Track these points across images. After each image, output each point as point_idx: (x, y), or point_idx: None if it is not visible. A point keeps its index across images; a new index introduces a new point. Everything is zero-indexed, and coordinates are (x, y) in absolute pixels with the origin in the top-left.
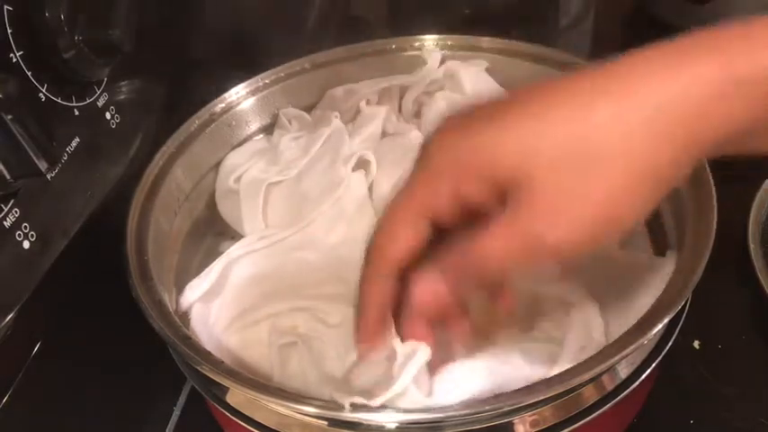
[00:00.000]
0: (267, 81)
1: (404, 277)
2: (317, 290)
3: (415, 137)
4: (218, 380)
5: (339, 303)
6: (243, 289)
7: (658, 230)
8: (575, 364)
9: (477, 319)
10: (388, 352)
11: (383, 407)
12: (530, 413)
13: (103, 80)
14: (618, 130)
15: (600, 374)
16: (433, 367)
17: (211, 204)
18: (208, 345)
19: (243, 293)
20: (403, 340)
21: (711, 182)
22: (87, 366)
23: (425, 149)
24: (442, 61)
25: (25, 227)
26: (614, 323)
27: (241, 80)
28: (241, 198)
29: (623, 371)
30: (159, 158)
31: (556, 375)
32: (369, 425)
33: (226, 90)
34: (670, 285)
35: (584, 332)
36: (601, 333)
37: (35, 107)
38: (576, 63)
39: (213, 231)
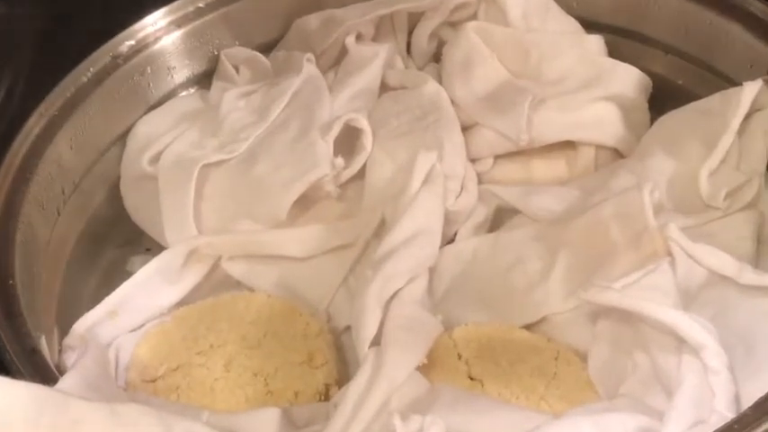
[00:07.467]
0: (201, 5)
1: None
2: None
3: (432, 92)
4: None
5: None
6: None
7: None
8: None
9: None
10: None
11: None
12: None
13: None
14: None
15: None
16: None
17: (115, 197)
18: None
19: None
20: None
21: None
22: None
23: None
24: None
25: None
26: (743, 382)
27: (161, 4)
28: (160, 188)
29: None
30: (33, 126)
31: None
32: None
33: (138, 19)
34: None
35: (701, 399)
36: (729, 402)
37: None
38: None
39: (118, 240)
